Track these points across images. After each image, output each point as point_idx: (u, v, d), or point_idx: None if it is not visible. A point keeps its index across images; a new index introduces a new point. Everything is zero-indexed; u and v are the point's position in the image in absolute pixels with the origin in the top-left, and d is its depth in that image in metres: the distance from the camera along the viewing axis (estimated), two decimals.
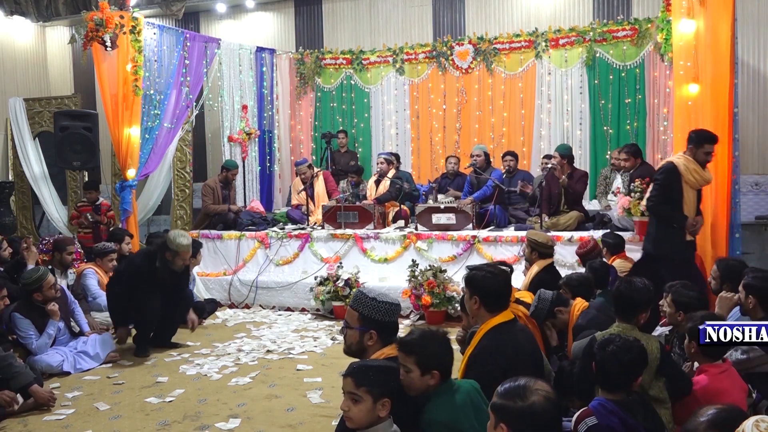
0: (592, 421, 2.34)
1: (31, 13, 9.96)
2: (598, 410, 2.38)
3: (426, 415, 2.41)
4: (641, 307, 3.14)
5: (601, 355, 2.53)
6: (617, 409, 2.38)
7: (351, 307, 2.75)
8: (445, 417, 2.38)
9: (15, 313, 4.85)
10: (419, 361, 2.43)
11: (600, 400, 2.44)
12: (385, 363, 2.48)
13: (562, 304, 3.79)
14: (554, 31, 8.34)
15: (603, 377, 2.52)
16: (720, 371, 2.87)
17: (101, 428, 3.90)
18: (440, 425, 2.36)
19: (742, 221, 5.74)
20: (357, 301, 2.73)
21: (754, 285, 3.31)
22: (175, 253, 5.28)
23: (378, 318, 2.68)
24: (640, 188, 5.89)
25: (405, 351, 2.47)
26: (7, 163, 9.74)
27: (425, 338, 2.48)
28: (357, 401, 2.31)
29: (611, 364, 2.48)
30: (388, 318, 2.71)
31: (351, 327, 2.72)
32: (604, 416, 2.35)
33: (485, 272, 2.98)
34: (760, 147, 7.81)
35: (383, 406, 2.32)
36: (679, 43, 5.34)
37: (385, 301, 2.71)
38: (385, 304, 2.70)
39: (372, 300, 2.70)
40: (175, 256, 5.30)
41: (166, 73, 7.77)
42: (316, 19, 9.91)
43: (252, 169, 9.08)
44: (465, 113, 8.94)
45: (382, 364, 2.45)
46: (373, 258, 6.91)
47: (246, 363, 5.10)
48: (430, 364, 2.43)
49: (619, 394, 2.48)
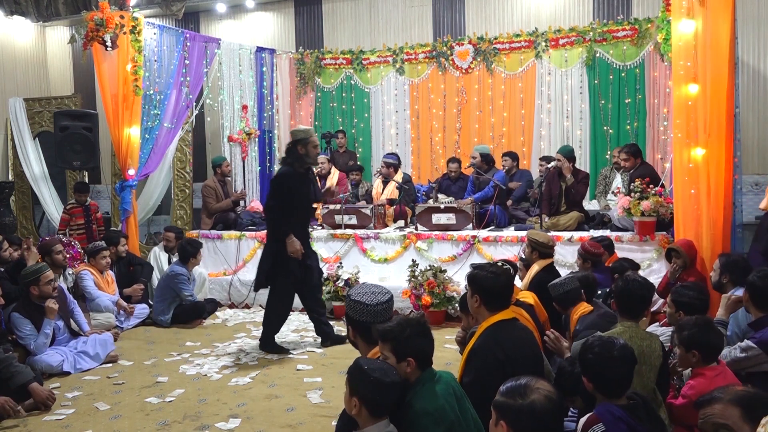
0: (600, 429, 2.30)
1: (31, 13, 9.97)
2: (605, 417, 2.33)
3: (409, 405, 2.39)
4: (644, 304, 3.15)
5: (586, 363, 2.53)
6: (624, 414, 2.34)
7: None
8: (429, 406, 2.36)
9: (14, 313, 4.85)
10: (394, 348, 2.44)
11: (607, 406, 2.39)
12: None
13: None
14: (554, 31, 8.34)
15: (598, 384, 2.48)
16: (716, 374, 2.87)
17: (101, 428, 3.90)
18: (426, 415, 2.34)
19: (742, 221, 5.74)
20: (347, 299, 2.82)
21: (752, 282, 3.40)
22: (305, 141, 5.23)
23: (351, 315, 2.77)
24: (640, 188, 5.89)
25: (381, 338, 2.49)
26: (7, 163, 9.74)
27: (401, 325, 2.48)
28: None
29: (600, 368, 2.46)
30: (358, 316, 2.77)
31: None
32: (611, 423, 2.30)
33: (487, 272, 3.01)
34: (760, 147, 7.82)
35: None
36: (678, 43, 5.33)
37: (366, 302, 2.75)
38: (357, 303, 2.75)
39: (351, 301, 2.77)
40: (307, 145, 5.25)
41: (166, 73, 7.77)
42: (316, 19, 9.91)
43: (252, 169, 9.08)
44: (465, 113, 8.94)
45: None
46: (373, 258, 6.91)
47: (246, 363, 5.10)
48: (406, 351, 2.44)
49: (621, 399, 2.45)
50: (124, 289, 6.47)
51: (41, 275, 4.87)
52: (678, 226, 5.46)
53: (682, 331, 2.95)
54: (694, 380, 2.91)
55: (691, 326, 2.93)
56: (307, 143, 5.26)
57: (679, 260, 4.96)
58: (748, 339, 3.29)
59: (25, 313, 4.87)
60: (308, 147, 5.26)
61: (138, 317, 6.42)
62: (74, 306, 5.47)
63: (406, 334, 2.44)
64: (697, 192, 5.23)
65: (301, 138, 5.26)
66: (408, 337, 2.44)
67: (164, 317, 6.39)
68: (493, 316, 2.91)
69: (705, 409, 1.88)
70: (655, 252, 5.97)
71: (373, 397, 2.30)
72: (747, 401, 1.81)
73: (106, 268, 6.23)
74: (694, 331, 2.90)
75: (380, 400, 2.31)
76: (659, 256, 5.93)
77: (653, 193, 5.86)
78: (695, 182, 5.24)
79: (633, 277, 3.31)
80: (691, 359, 2.92)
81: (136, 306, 6.41)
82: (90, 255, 6.18)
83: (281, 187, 5.26)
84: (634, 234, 6.05)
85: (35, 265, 5.01)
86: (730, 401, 1.82)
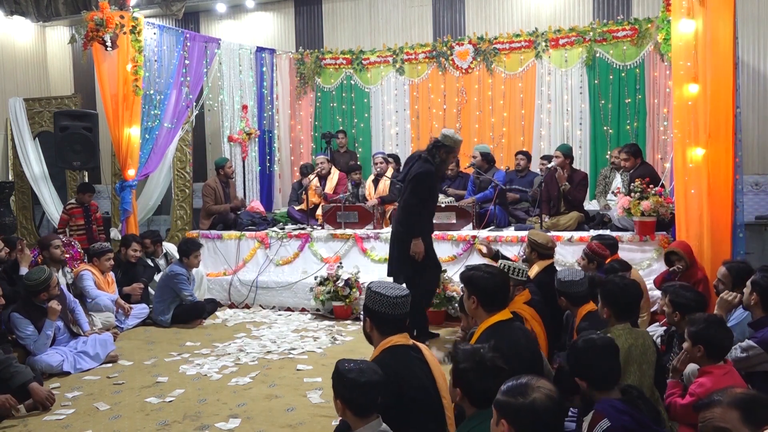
0: (606, 424, 2.29)
1: (31, 13, 9.97)
2: (609, 412, 2.33)
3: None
4: (635, 304, 3.19)
5: (575, 361, 2.57)
6: (626, 407, 2.36)
7: None
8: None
9: (14, 313, 4.85)
10: (451, 370, 2.44)
11: (608, 401, 2.40)
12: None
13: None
14: (554, 31, 8.34)
15: (591, 378, 2.53)
16: (724, 372, 2.87)
17: (101, 428, 3.90)
18: None
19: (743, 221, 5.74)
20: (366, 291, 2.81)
21: (760, 283, 3.39)
22: (450, 150, 5.25)
23: (372, 306, 2.76)
24: (640, 188, 5.89)
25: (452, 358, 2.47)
26: (7, 163, 9.74)
27: (464, 353, 2.42)
28: None
29: (587, 360, 2.52)
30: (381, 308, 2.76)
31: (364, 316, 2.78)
32: (616, 417, 2.31)
33: (483, 272, 2.99)
34: (761, 147, 7.82)
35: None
36: (678, 43, 5.33)
37: (389, 295, 2.75)
38: (378, 294, 2.76)
39: (371, 293, 2.77)
40: (449, 154, 5.28)
41: (166, 73, 7.77)
42: (316, 19, 9.91)
43: (252, 169, 9.08)
44: (465, 113, 8.94)
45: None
46: (373, 258, 6.91)
47: (246, 363, 5.10)
48: (456, 380, 2.39)
49: (616, 392, 2.48)
50: (123, 288, 6.47)
51: (50, 282, 4.87)
52: (680, 226, 5.46)
53: (693, 325, 2.96)
54: (702, 378, 2.91)
55: (701, 322, 2.95)
56: (451, 152, 5.31)
57: (681, 262, 4.96)
58: (749, 339, 3.29)
59: (25, 313, 4.86)
60: (449, 157, 5.33)
61: (138, 317, 6.40)
62: (75, 305, 5.46)
63: (462, 365, 2.36)
64: (698, 192, 5.23)
65: (449, 146, 5.28)
66: (463, 369, 2.35)
67: (164, 317, 6.39)
68: (492, 317, 2.91)
69: (704, 412, 1.88)
70: (655, 252, 5.96)
71: (350, 397, 2.34)
72: (746, 404, 1.81)
73: (109, 270, 6.22)
74: (703, 327, 2.91)
75: (359, 400, 2.34)
76: (659, 256, 5.92)
77: (653, 193, 5.85)
78: (695, 182, 5.24)
79: (618, 279, 3.36)
80: (696, 353, 2.94)
81: (135, 306, 6.40)
82: (94, 255, 6.16)
83: (424, 185, 5.27)
84: (634, 234, 6.04)
85: (42, 272, 4.88)
86: (729, 404, 1.82)
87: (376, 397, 2.35)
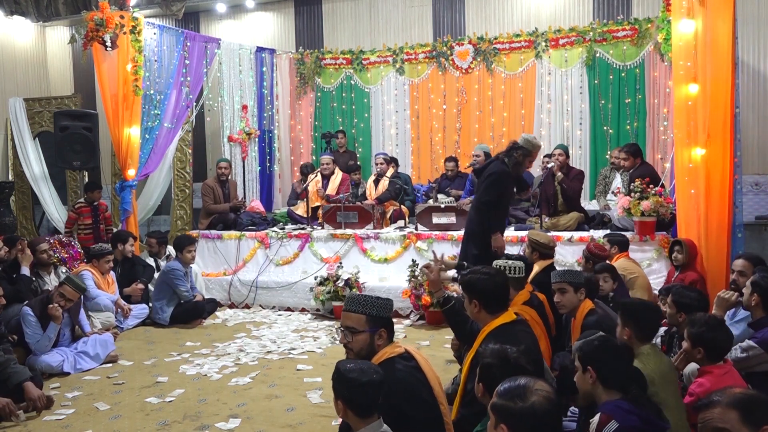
0: (614, 426, 2.25)
1: (31, 13, 9.97)
2: (616, 413, 2.30)
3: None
4: (657, 325, 3.16)
5: (588, 356, 2.51)
6: (633, 407, 2.33)
7: (354, 311, 2.70)
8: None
9: (27, 308, 4.89)
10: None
11: (615, 402, 2.36)
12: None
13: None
14: (554, 31, 8.34)
15: (605, 375, 2.45)
16: (723, 372, 2.87)
17: (101, 428, 3.90)
18: None
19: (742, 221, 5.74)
20: (360, 303, 2.71)
21: (760, 283, 3.39)
22: (527, 153, 5.33)
23: (385, 315, 2.71)
24: (640, 188, 5.89)
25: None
26: (7, 163, 9.74)
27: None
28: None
29: (607, 357, 2.47)
30: (390, 314, 2.75)
31: (359, 331, 2.67)
32: (623, 418, 2.28)
33: (481, 274, 2.98)
34: (760, 147, 7.81)
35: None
36: (678, 43, 5.34)
37: (386, 297, 2.77)
38: (387, 300, 2.74)
39: (376, 299, 2.71)
40: (526, 158, 5.35)
41: (166, 73, 7.77)
42: (316, 19, 9.91)
43: (252, 169, 9.08)
44: (465, 113, 8.94)
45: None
46: (373, 258, 6.91)
47: (246, 363, 5.10)
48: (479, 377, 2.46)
49: (618, 393, 2.44)
50: (124, 288, 6.47)
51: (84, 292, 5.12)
52: (680, 226, 5.46)
53: (693, 327, 2.95)
54: (702, 378, 2.91)
55: (701, 324, 2.94)
56: (528, 155, 5.37)
57: (681, 255, 5.02)
58: (749, 339, 3.29)
59: (37, 311, 4.89)
60: (525, 159, 5.38)
61: (137, 317, 6.40)
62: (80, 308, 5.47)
63: (487, 360, 2.41)
64: (697, 192, 5.23)
65: (527, 150, 5.34)
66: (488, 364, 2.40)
67: (162, 315, 6.39)
68: (495, 320, 2.90)
69: (703, 413, 1.87)
70: (655, 252, 5.97)
71: (351, 398, 2.32)
72: (745, 404, 1.80)
73: (108, 272, 6.22)
74: (703, 330, 2.90)
75: (360, 400, 2.32)
76: (659, 256, 5.93)
77: (653, 193, 5.86)
78: (695, 182, 5.25)
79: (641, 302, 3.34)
80: (696, 355, 2.94)
81: (135, 306, 6.40)
82: (94, 257, 6.16)
83: (500, 184, 5.34)
84: (634, 234, 6.04)
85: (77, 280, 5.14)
86: (728, 404, 1.81)
87: (377, 397, 2.34)
